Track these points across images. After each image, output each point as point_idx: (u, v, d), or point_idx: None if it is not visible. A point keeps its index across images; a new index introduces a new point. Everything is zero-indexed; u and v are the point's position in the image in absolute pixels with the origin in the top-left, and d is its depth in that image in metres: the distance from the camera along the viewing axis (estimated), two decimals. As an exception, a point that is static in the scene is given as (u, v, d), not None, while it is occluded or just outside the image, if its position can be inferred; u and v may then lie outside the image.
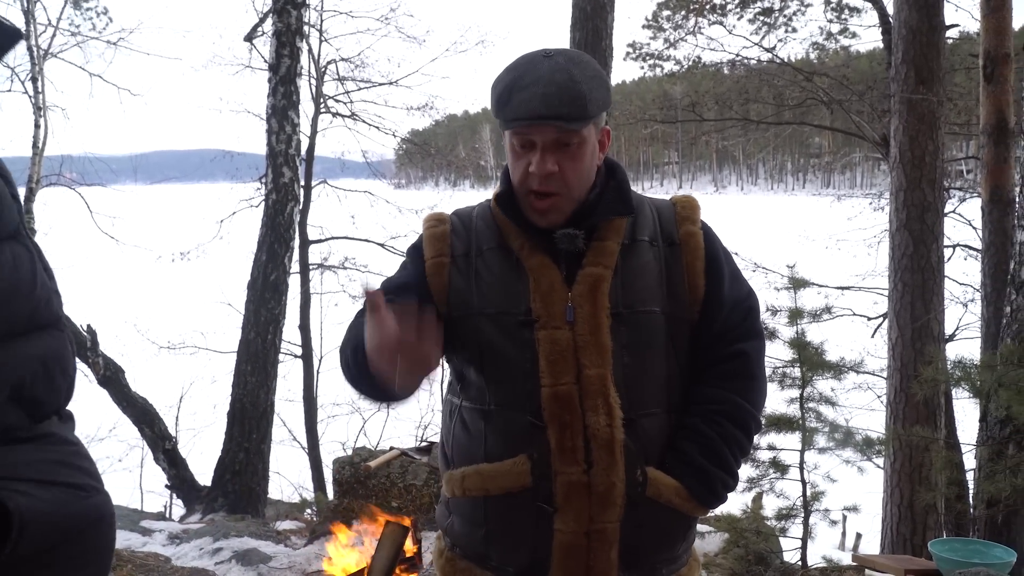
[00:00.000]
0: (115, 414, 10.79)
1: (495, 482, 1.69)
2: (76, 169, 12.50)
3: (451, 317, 1.74)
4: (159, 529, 7.03)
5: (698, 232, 1.81)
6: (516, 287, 1.71)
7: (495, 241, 1.78)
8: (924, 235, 6.96)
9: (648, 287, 1.73)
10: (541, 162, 1.66)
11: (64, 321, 1.37)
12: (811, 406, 6.06)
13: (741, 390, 1.78)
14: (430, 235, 1.81)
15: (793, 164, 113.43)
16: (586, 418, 1.64)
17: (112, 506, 1.39)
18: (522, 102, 1.63)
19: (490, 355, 1.71)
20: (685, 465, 1.71)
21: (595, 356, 1.66)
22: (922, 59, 6.95)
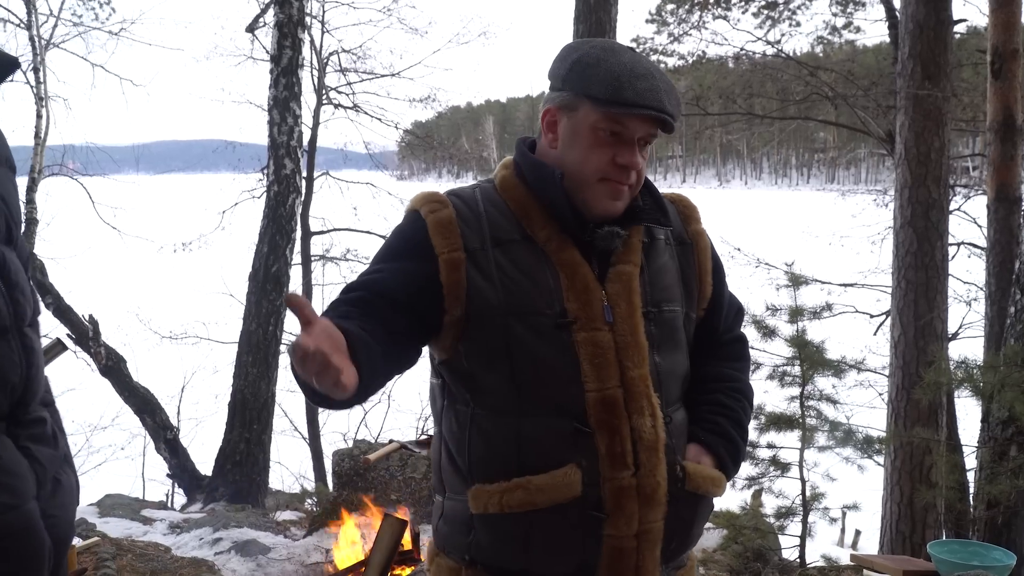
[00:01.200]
0: (118, 403, 10.81)
1: (543, 495, 1.58)
2: (78, 159, 12.49)
3: (470, 319, 1.61)
4: (160, 518, 7.04)
5: (704, 231, 1.83)
6: (547, 284, 1.61)
7: (517, 232, 1.64)
8: (928, 232, 6.93)
9: (670, 285, 1.73)
10: (635, 155, 1.62)
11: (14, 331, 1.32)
12: (811, 404, 6.05)
13: (744, 370, 1.89)
14: (436, 222, 1.62)
15: (797, 159, 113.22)
16: (632, 421, 1.60)
17: (35, 519, 1.34)
18: (648, 91, 1.57)
19: (523, 359, 1.60)
20: (719, 437, 1.74)
21: (636, 357, 1.62)
22: (929, 54, 6.90)
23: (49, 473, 1.40)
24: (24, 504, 1.31)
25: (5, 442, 1.31)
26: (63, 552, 1.44)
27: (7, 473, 1.30)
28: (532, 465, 1.59)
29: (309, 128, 12.64)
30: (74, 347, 10.18)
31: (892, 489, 6.89)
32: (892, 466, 6.90)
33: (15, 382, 1.32)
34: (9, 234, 1.37)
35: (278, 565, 5.07)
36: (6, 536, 1.28)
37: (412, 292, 1.59)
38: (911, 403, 6.78)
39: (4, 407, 1.31)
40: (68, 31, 11.97)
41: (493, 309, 1.59)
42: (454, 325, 1.62)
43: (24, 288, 1.37)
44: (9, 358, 1.31)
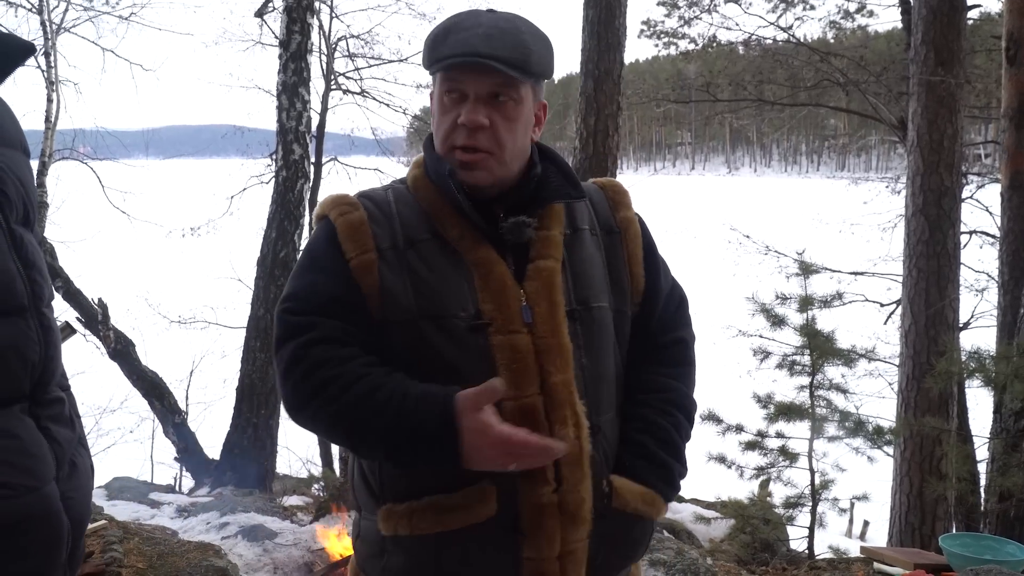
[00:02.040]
0: (127, 386, 10.84)
1: (454, 515, 1.47)
2: (89, 143, 12.48)
3: (384, 323, 1.51)
4: (168, 502, 7.05)
5: (635, 219, 1.69)
6: (460, 285, 1.50)
7: (427, 231, 1.54)
8: (941, 220, 6.88)
9: (596, 281, 1.59)
10: (472, 112, 1.48)
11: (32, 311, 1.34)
12: (821, 393, 6.01)
13: (683, 376, 1.68)
14: (346, 225, 1.53)
15: (807, 146, 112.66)
16: (554, 432, 1.46)
17: (55, 501, 1.35)
18: (459, 41, 1.47)
19: (435, 365, 1.48)
20: (648, 462, 1.57)
21: (558, 361, 1.49)
22: (942, 40, 6.84)
23: (67, 454, 1.42)
24: (44, 486, 1.33)
25: (26, 423, 1.33)
26: (80, 534, 1.45)
27: (27, 455, 1.31)
28: (445, 482, 1.47)
29: (317, 113, 12.59)
30: (84, 330, 10.21)
31: (901, 480, 6.87)
32: (902, 457, 6.87)
33: (35, 361, 1.33)
34: (27, 216, 1.39)
35: (284, 550, 5.07)
36: (26, 518, 1.30)
37: (342, 301, 1.51)
38: (921, 393, 6.75)
39: (25, 386, 1.33)
40: (79, 15, 11.94)
41: (405, 312, 1.49)
42: (376, 329, 1.52)
43: (42, 268, 1.38)
44: (28, 336, 1.32)
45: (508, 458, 1.38)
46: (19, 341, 1.31)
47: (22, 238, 1.34)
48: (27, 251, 1.35)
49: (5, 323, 1.29)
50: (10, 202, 1.34)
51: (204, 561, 4.42)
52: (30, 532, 1.31)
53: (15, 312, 1.31)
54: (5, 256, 1.30)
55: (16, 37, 1.40)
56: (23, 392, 1.33)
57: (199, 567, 4.33)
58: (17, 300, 1.31)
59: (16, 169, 1.40)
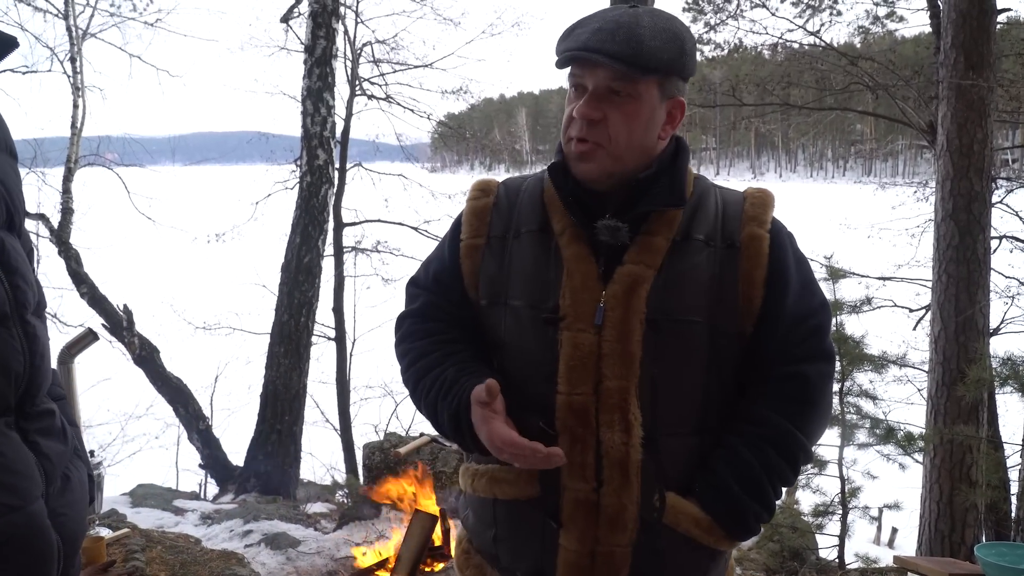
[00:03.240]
0: (152, 392, 10.92)
1: (502, 488, 1.59)
2: (115, 150, 12.59)
3: (479, 304, 1.64)
4: (192, 509, 7.08)
5: (763, 236, 1.57)
6: (548, 278, 1.55)
7: (536, 223, 1.61)
8: (971, 225, 6.77)
9: (693, 293, 1.52)
10: (586, 105, 1.50)
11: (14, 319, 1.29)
12: (850, 400, 5.93)
13: (794, 415, 1.55)
14: (471, 209, 1.67)
15: (833, 151, 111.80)
16: (600, 433, 1.49)
17: (41, 520, 1.30)
18: (577, 36, 1.50)
19: (510, 350, 1.59)
20: (716, 490, 1.52)
21: (618, 367, 1.49)
22: (972, 44, 6.73)
23: (58, 469, 1.37)
24: (29, 505, 1.27)
25: (11, 438, 1.27)
26: (73, 551, 1.41)
27: (10, 472, 1.26)
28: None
29: (342, 119, 12.64)
30: (109, 336, 10.29)
31: (931, 487, 6.75)
32: (931, 464, 6.75)
33: (19, 372, 1.28)
34: (10, 220, 1.33)
35: (308, 559, 5.06)
36: (10, 538, 1.24)
37: (443, 280, 1.69)
38: (951, 399, 6.64)
39: (10, 399, 1.27)
40: (105, 21, 12.06)
41: (495, 296, 1.60)
42: (475, 308, 1.66)
43: (27, 275, 1.33)
44: (10, 345, 1.26)
45: (500, 454, 1.46)
46: (1, 352, 1.25)
47: (3, 243, 1.29)
48: (9, 256, 1.29)
49: None
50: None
51: (227, 570, 4.42)
52: (16, 552, 1.26)
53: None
54: None
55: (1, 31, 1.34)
56: (7, 405, 1.27)
57: None
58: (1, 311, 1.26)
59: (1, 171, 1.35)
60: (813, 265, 7.39)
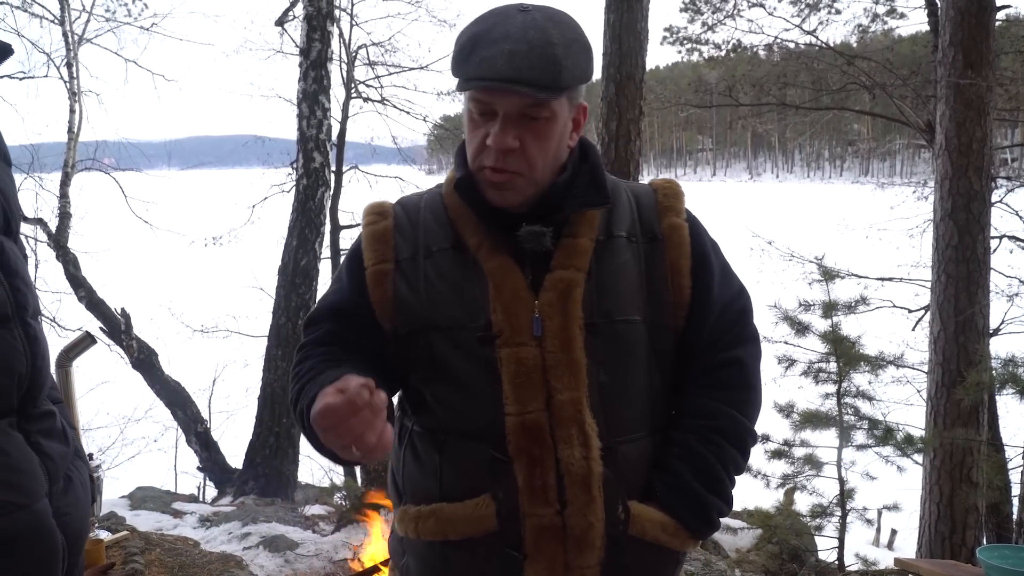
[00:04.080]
0: (151, 396, 10.90)
1: (455, 526, 1.44)
2: (112, 154, 12.59)
3: (398, 333, 1.49)
4: (190, 511, 7.04)
5: (683, 225, 1.54)
6: (473, 295, 1.45)
7: (448, 240, 1.50)
8: (970, 225, 6.76)
9: (627, 292, 1.48)
10: (500, 135, 1.40)
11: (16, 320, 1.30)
12: (848, 401, 5.91)
13: (737, 402, 1.54)
14: (370, 234, 1.54)
15: (830, 151, 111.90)
16: (558, 451, 1.40)
17: (47, 519, 1.31)
18: (485, 60, 1.36)
19: (444, 377, 1.46)
20: (678, 492, 1.47)
21: (567, 377, 1.41)
22: (971, 42, 6.72)
23: (61, 469, 1.38)
24: (34, 503, 1.29)
25: (14, 438, 1.29)
26: (78, 550, 1.41)
27: (14, 471, 1.27)
28: (450, 492, 1.46)
29: (338, 122, 12.63)
30: (107, 340, 10.27)
31: (931, 489, 6.73)
32: (931, 465, 6.74)
33: (21, 372, 1.29)
34: (7, 225, 1.35)
35: (306, 561, 5.04)
36: (16, 537, 1.26)
37: (358, 306, 1.53)
38: (951, 401, 6.63)
39: (12, 399, 1.29)
40: (100, 26, 12.05)
41: (417, 322, 1.47)
42: (389, 339, 1.51)
43: (26, 278, 1.35)
44: (13, 347, 1.28)
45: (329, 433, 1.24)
46: (4, 353, 1.26)
47: (3, 246, 1.30)
48: (9, 259, 1.31)
49: None
50: None
51: (225, 572, 4.41)
52: (22, 551, 1.27)
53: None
54: None
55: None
56: (10, 406, 1.29)
57: (220, 578, 4.31)
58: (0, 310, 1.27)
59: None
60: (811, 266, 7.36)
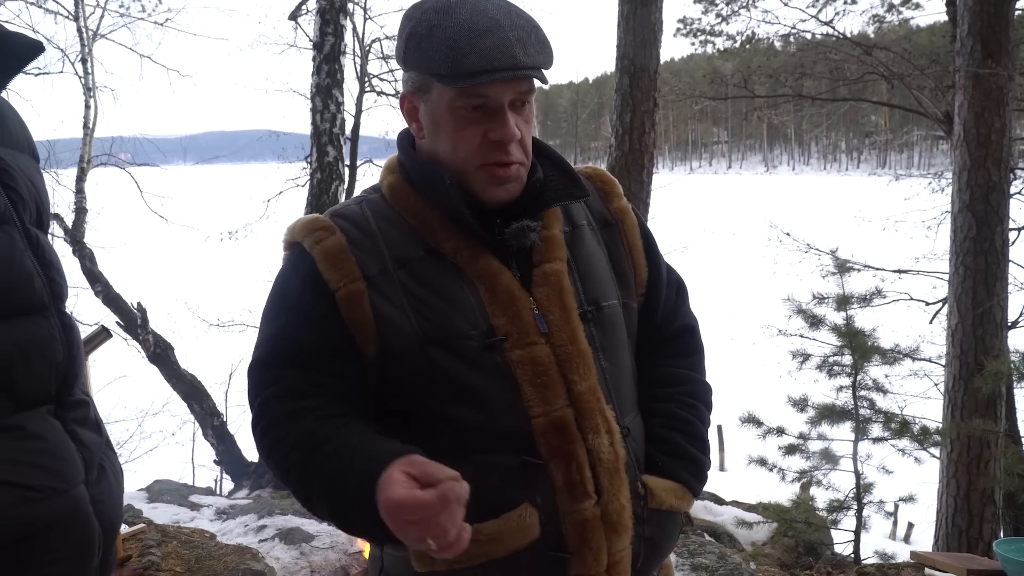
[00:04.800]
0: (168, 390, 10.97)
1: (500, 544, 1.35)
2: (127, 150, 12.66)
3: (385, 355, 1.37)
4: (207, 504, 7.09)
5: (628, 207, 1.61)
6: (466, 302, 1.38)
7: (419, 248, 1.40)
8: (988, 217, 6.70)
9: (602, 278, 1.51)
10: (509, 127, 1.35)
11: (52, 309, 1.32)
12: (863, 394, 5.88)
13: (696, 366, 1.65)
14: (324, 253, 1.38)
15: (847, 143, 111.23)
16: (588, 442, 1.39)
17: (85, 504, 1.33)
18: (494, 49, 1.30)
19: (452, 392, 1.37)
20: (677, 458, 1.53)
21: (581, 368, 1.41)
22: (989, 31, 6.66)
23: (95, 458, 1.40)
24: (72, 489, 1.31)
25: (53, 425, 1.31)
26: (112, 539, 1.43)
27: (54, 457, 1.29)
28: (480, 511, 1.30)
29: (352, 116, 12.65)
30: (124, 334, 10.34)
31: (948, 482, 6.69)
32: (948, 458, 6.70)
33: (59, 360, 1.32)
34: (40, 218, 1.38)
35: (321, 553, 5.06)
36: (55, 522, 1.27)
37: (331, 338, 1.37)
38: (968, 393, 6.58)
39: (51, 388, 1.31)
40: (115, 22, 12.12)
41: (408, 340, 1.36)
42: (371, 365, 1.38)
43: (60, 269, 1.37)
44: (51, 335, 1.31)
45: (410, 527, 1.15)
46: (42, 341, 1.29)
47: (38, 238, 1.33)
48: (44, 251, 1.34)
49: (26, 322, 1.27)
50: (23, 202, 1.33)
51: (241, 564, 4.43)
52: (60, 536, 1.28)
53: (36, 311, 1.29)
54: (22, 255, 1.29)
55: (24, 35, 1.37)
56: (48, 393, 1.31)
57: (236, 571, 4.33)
58: (37, 299, 1.30)
59: (27, 171, 1.39)
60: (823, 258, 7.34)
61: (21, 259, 1.28)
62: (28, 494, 1.24)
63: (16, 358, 1.25)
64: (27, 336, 1.27)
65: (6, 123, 1.41)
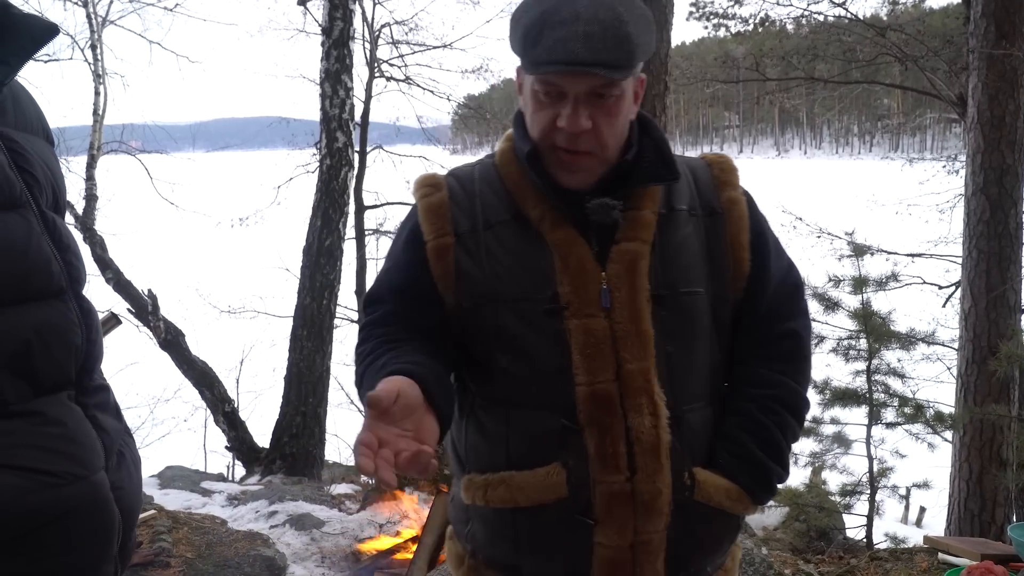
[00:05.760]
0: (180, 376, 11.01)
1: (525, 493, 1.47)
2: (138, 137, 12.68)
3: (462, 306, 1.51)
4: (219, 490, 7.13)
5: (741, 199, 1.57)
6: (539, 267, 1.46)
7: (508, 212, 1.50)
8: (1002, 200, 6.63)
9: (691, 265, 1.50)
10: (573, 116, 1.40)
11: (70, 293, 1.32)
12: (878, 379, 5.84)
13: (794, 372, 1.58)
14: (427, 207, 1.53)
15: (859, 127, 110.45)
16: (628, 420, 1.43)
17: (105, 490, 1.32)
18: (558, 42, 1.35)
19: (511, 349, 1.47)
20: (742, 460, 1.51)
21: (636, 348, 1.43)
22: (1003, 12, 6.58)
23: (115, 444, 1.40)
24: (92, 475, 1.30)
25: (73, 410, 1.31)
26: (131, 525, 1.42)
27: (74, 443, 1.29)
28: (519, 460, 1.48)
29: (361, 102, 12.61)
30: (135, 321, 10.37)
31: (960, 466, 6.66)
32: (961, 442, 6.66)
33: (78, 344, 1.31)
34: (56, 202, 1.38)
35: (331, 539, 5.08)
36: (75, 509, 1.27)
37: (418, 283, 1.52)
38: (982, 377, 6.53)
39: (70, 372, 1.31)
40: (124, 8, 12.13)
41: (482, 296, 1.48)
42: (452, 312, 1.52)
43: (77, 252, 1.37)
44: (69, 319, 1.30)
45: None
46: (60, 325, 1.29)
47: (54, 221, 1.33)
48: (61, 235, 1.33)
49: (44, 307, 1.27)
50: (39, 185, 1.33)
51: (252, 550, 4.44)
52: (80, 522, 1.28)
53: (53, 295, 1.29)
54: (39, 238, 1.28)
55: (39, 17, 1.37)
56: (68, 378, 1.31)
57: (247, 557, 4.35)
58: (55, 283, 1.29)
59: (43, 155, 1.39)
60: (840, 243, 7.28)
61: (38, 243, 1.28)
62: (47, 480, 1.23)
63: (35, 342, 1.24)
64: (45, 320, 1.26)
65: (21, 107, 1.41)
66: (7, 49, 1.31)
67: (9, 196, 1.26)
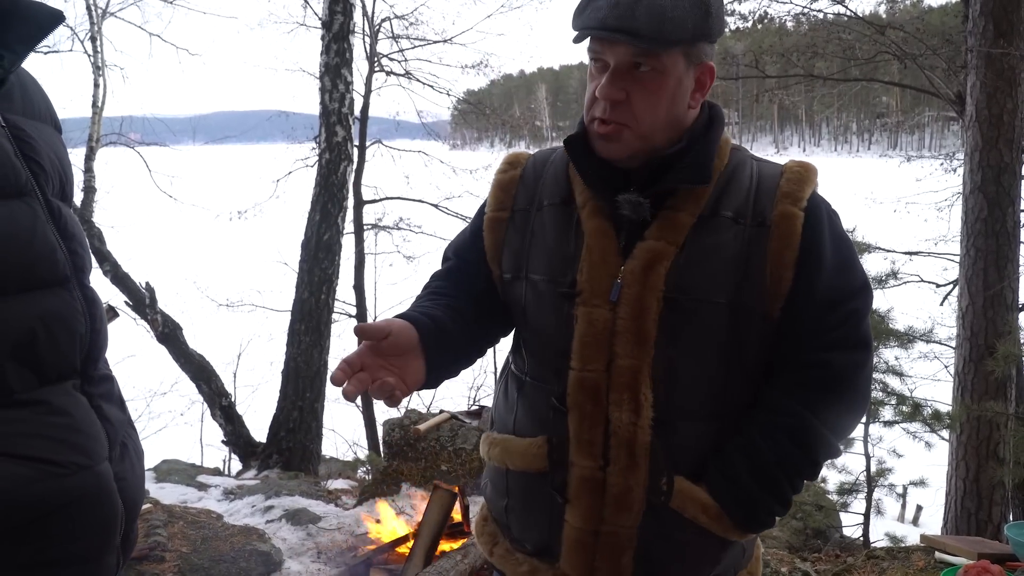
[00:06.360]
0: (177, 370, 11.00)
1: (512, 458, 1.60)
2: (137, 129, 12.63)
3: (502, 278, 1.62)
4: (215, 484, 7.12)
5: (797, 214, 1.46)
6: (568, 252, 1.52)
7: (561, 195, 1.57)
8: (1000, 198, 6.63)
9: (717, 273, 1.45)
10: (608, 85, 1.43)
11: (74, 282, 1.32)
12: (876, 377, 5.85)
13: (814, 404, 1.47)
14: (498, 182, 1.66)
15: (858, 124, 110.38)
16: (609, 411, 1.46)
17: (108, 482, 1.33)
18: (597, 10, 1.40)
19: (529, 324, 1.58)
20: (728, 482, 1.46)
21: (631, 345, 1.44)
22: (1002, 11, 6.58)
23: (119, 435, 1.40)
24: (97, 465, 1.31)
25: (79, 400, 1.31)
26: (134, 517, 1.43)
27: (79, 433, 1.29)
28: (520, 428, 1.60)
29: (361, 96, 12.58)
30: (132, 314, 10.36)
31: (957, 465, 6.67)
32: (958, 441, 6.67)
33: (82, 333, 1.32)
34: (63, 191, 1.38)
35: (328, 535, 5.07)
36: (78, 498, 1.27)
37: (473, 249, 1.68)
38: (979, 375, 6.54)
39: (75, 361, 1.31)
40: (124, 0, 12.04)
41: (516, 270, 1.59)
42: (498, 281, 1.65)
43: (82, 241, 1.38)
44: (73, 307, 1.31)
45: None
46: (65, 313, 1.29)
47: (60, 210, 1.33)
48: (67, 223, 1.34)
49: (49, 295, 1.27)
50: (46, 174, 1.33)
51: (248, 545, 4.44)
52: (84, 512, 1.29)
53: (58, 284, 1.29)
54: (44, 227, 1.29)
55: (44, 4, 1.37)
56: (73, 368, 1.31)
57: (243, 551, 4.35)
58: (59, 271, 1.29)
59: (50, 143, 1.39)
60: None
61: (44, 231, 1.28)
62: (52, 469, 1.24)
63: (40, 331, 1.24)
64: (50, 309, 1.27)
65: (29, 94, 1.41)
66: (13, 36, 1.31)
67: (15, 184, 1.26)
